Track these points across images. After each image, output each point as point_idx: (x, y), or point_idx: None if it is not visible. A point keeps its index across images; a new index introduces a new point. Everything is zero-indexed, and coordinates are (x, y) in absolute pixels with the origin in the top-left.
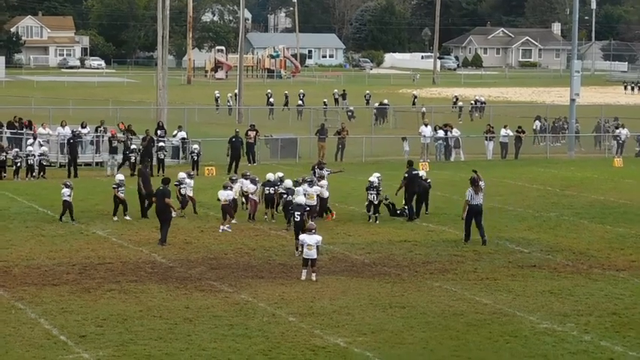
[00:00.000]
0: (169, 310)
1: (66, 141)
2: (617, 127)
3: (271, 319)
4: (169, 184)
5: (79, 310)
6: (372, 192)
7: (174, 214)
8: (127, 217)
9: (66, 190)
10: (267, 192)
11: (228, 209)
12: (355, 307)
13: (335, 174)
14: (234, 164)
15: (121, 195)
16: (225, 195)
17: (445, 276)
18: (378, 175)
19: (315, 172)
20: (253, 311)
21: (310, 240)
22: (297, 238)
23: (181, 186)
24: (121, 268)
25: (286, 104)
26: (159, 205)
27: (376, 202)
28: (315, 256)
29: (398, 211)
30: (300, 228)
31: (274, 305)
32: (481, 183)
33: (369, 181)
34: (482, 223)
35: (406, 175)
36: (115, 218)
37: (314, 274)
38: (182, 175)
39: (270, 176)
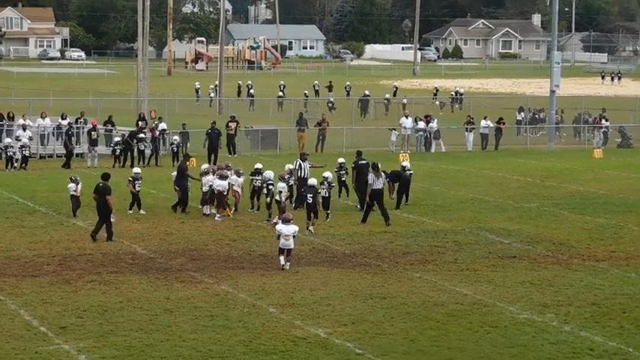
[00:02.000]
0: (150, 301)
1: (64, 132)
2: (602, 119)
3: (252, 310)
4: (109, 180)
5: (59, 302)
6: (323, 187)
7: (112, 217)
8: (142, 212)
9: (72, 185)
10: (255, 183)
11: (223, 199)
12: (336, 297)
13: (316, 169)
14: (212, 156)
15: (136, 189)
16: (219, 184)
17: (425, 267)
18: (342, 160)
19: (300, 165)
20: (234, 302)
21: (288, 230)
22: (308, 219)
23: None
24: (101, 259)
25: (239, 94)
26: (99, 201)
27: (327, 197)
28: (292, 246)
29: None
30: (313, 209)
31: (255, 296)
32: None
33: (323, 177)
34: (383, 205)
35: (353, 165)
36: (130, 211)
37: (288, 263)
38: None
39: (259, 166)
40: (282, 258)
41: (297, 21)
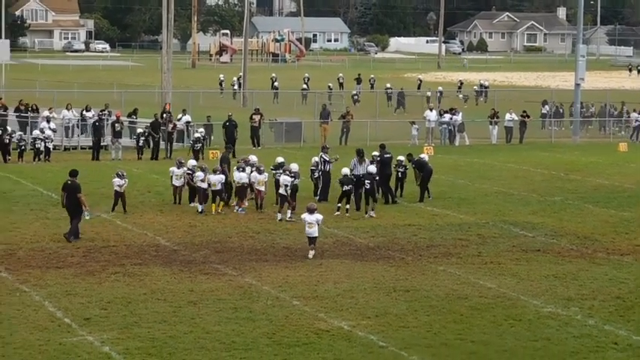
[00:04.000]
0: (173, 293)
1: (91, 123)
2: (633, 111)
3: (275, 303)
4: (77, 177)
5: (83, 293)
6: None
7: (86, 214)
8: (192, 204)
9: (116, 180)
10: (278, 177)
11: (244, 191)
12: (359, 290)
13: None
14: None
15: (193, 181)
16: (239, 177)
17: (449, 260)
18: (401, 158)
19: (324, 158)
20: (257, 294)
21: (311, 218)
22: (367, 204)
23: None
24: (125, 251)
25: (221, 89)
26: (68, 199)
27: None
28: (316, 234)
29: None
30: (372, 194)
31: (278, 288)
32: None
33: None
34: (359, 193)
35: (378, 158)
36: (192, 204)
37: (312, 252)
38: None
39: (281, 160)
40: (312, 252)
41: (321, 13)
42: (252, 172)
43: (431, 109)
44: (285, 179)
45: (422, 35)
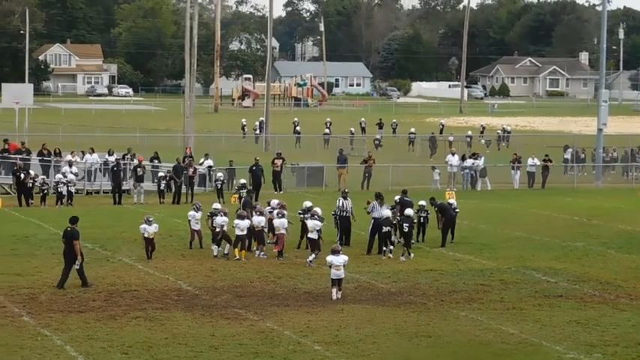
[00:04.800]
0: (195, 337)
1: (110, 168)
2: None
3: (296, 348)
4: (77, 224)
5: (104, 337)
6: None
7: (77, 263)
8: (218, 248)
9: (144, 226)
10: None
11: (262, 235)
12: (381, 336)
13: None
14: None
15: (213, 225)
16: (258, 221)
17: (471, 305)
18: (423, 203)
19: (342, 203)
20: (279, 339)
21: (338, 260)
22: (409, 247)
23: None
24: (146, 295)
25: (244, 133)
26: (67, 247)
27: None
28: (342, 276)
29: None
30: (409, 237)
31: (300, 333)
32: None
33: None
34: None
35: (398, 201)
36: (214, 248)
37: (339, 292)
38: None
39: (308, 204)
40: (334, 291)
41: (343, 58)
42: (274, 215)
43: (453, 154)
44: (315, 224)
45: (444, 80)
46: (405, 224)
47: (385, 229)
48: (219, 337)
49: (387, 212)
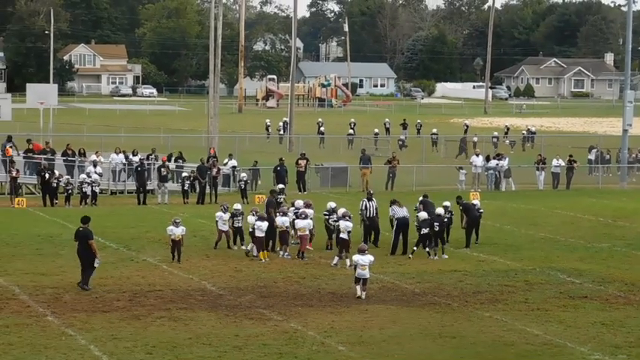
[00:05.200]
0: (219, 337)
1: (134, 168)
2: None
3: (320, 348)
4: (89, 224)
5: (128, 337)
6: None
7: (97, 262)
8: (243, 247)
9: (170, 228)
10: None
11: (285, 236)
12: (405, 336)
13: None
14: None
15: (235, 225)
16: (281, 221)
17: (495, 306)
18: (447, 203)
19: (366, 204)
20: (303, 340)
21: (364, 260)
22: (436, 245)
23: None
24: (170, 295)
25: (268, 134)
26: (80, 246)
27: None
28: (367, 276)
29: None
30: (440, 236)
31: (324, 334)
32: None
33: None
34: (407, 235)
35: (421, 202)
36: (236, 247)
37: (364, 292)
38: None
39: (332, 205)
40: (358, 288)
41: (368, 59)
42: (297, 216)
43: (477, 155)
44: (347, 225)
45: (468, 80)
46: (435, 223)
47: (425, 230)
48: (243, 337)
49: (440, 210)
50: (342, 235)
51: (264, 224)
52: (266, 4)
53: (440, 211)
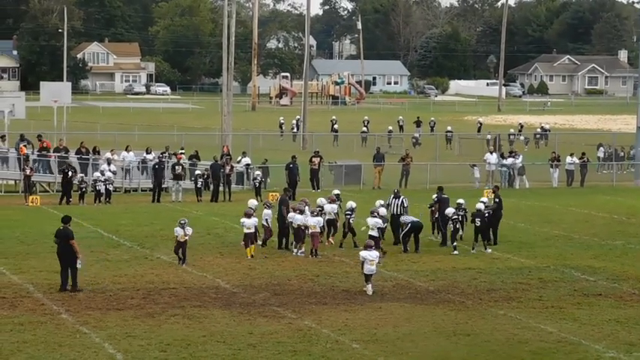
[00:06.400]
0: (233, 335)
1: (152, 166)
2: None
3: (335, 346)
4: (70, 223)
5: (142, 335)
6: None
7: (79, 263)
8: (259, 243)
9: (177, 229)
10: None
11: (301, 234)
12: (419, 334)
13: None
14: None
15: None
16: (296, 219)
17: (510, 304)
18: (461, 200)
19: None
20: (317, 337)
21: (371, 255)
22: (475, 241)
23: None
24: (184, 293)
25: (281, 131)
26: (61, 247)
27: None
28: (375, 271)
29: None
30: (481, 232)
31: (338, 332)
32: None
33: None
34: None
35: (436, 199)
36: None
37: (372, 289)
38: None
39: (353, 204)
40: (369, 286)
41: (381, 56)
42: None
43: (491, 152)
44: (377, 222)
45: (482, 78)
46: (477, 219)
47: (478, 222)
48: (257, 335)
49: (480, 205)
50: (370, 232)
51: (251, 221)
52: (279, 2)
53: (480, 206)
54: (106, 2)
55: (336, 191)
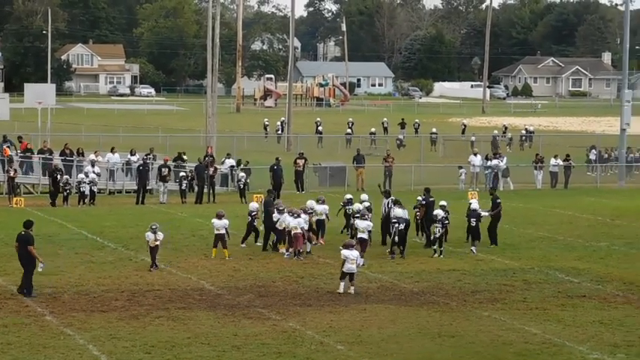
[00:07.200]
0: (217, 337)
1: (137, 168)
2: None
3: (319, 348)
4: (32, 228)
5: (127, 337)
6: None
7: (40, 266)
8: (258, 244)
9: (148, 234)
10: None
11: (287, 235)
12: (404, 336)
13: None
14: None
15: (254, 223)
16: (284, 221)
17: (494, 305)
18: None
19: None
20: (301, 339)
21: (352, 255)
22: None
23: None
24: (169, 295)
25: (266, 133)
26: (21, 251)
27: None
28: (355, 270)
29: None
30: (474, 232)
31: (322, 333)
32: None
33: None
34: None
35: (424, 202)
36: (243, 245)
37: (353, 287)
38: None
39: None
40: (342, 284)
41: (365, 58)
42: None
43: (475, 154)
44: (368, 224)
45: (466, 80)
46: (472, 219)
47: (473, 222)
48: (241, 336)
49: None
50: (360, 235)
51: (221, 222)
52: (264, 4)
53: (475, 206)
54: (91, 4)
55: (348, 195)
